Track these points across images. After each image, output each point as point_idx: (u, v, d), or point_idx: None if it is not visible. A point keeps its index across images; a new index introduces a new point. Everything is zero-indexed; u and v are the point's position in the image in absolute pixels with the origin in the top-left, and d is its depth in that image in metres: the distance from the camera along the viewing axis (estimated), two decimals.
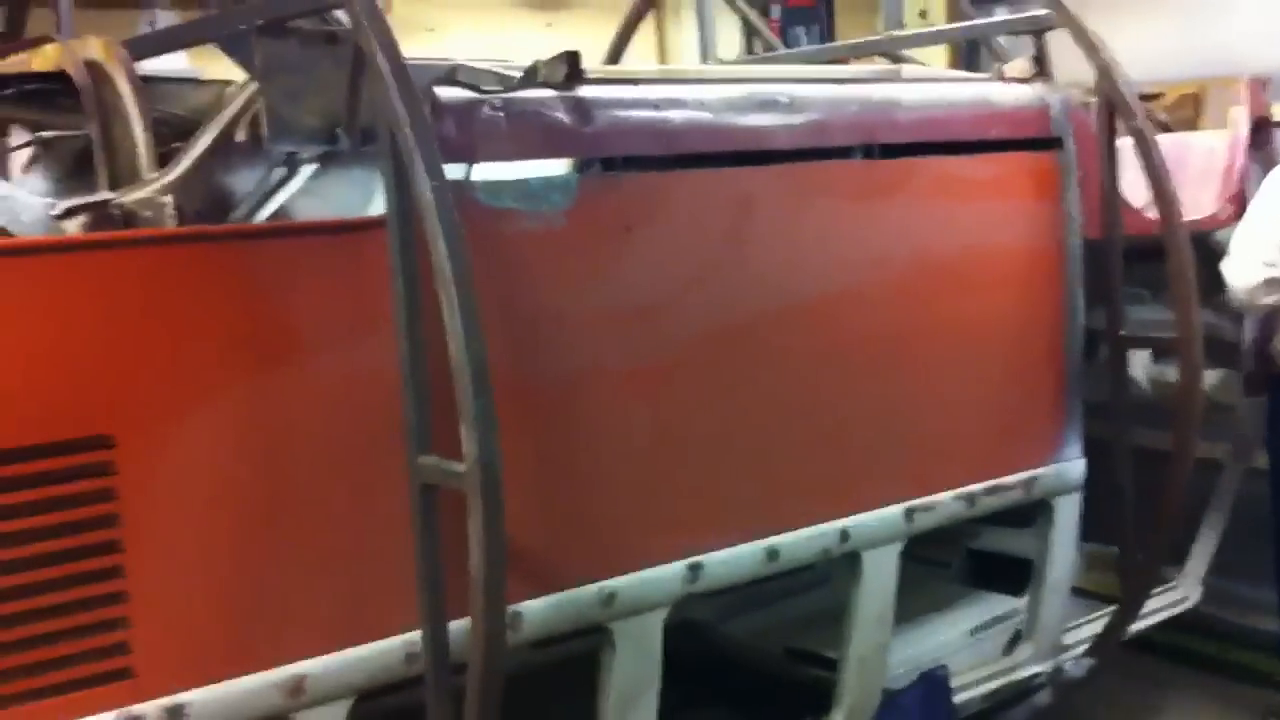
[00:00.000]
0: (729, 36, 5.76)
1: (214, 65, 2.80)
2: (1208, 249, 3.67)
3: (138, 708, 2.07)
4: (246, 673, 2.18)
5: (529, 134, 2.55)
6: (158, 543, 2.07)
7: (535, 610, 2.47)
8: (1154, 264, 3.51)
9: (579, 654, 2.79)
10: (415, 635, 2.31)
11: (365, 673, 2.31)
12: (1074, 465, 3.46)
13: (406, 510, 2.27)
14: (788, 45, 5.27)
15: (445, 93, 2.47)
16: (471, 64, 2.57)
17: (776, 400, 2.85)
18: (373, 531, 2.29)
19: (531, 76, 2.53)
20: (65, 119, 2.63)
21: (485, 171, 2.46)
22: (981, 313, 3.26)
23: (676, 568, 2.70)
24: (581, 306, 2.55)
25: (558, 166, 2.61)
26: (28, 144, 2.98)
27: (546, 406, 2.49)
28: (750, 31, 4.86)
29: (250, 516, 2.17)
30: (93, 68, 2.37)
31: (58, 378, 1.99)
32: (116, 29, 2.56)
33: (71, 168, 2.80)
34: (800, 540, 2.90)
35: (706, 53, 5.85)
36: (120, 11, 4.65)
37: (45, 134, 2.90)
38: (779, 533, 2.86)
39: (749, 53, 5.20)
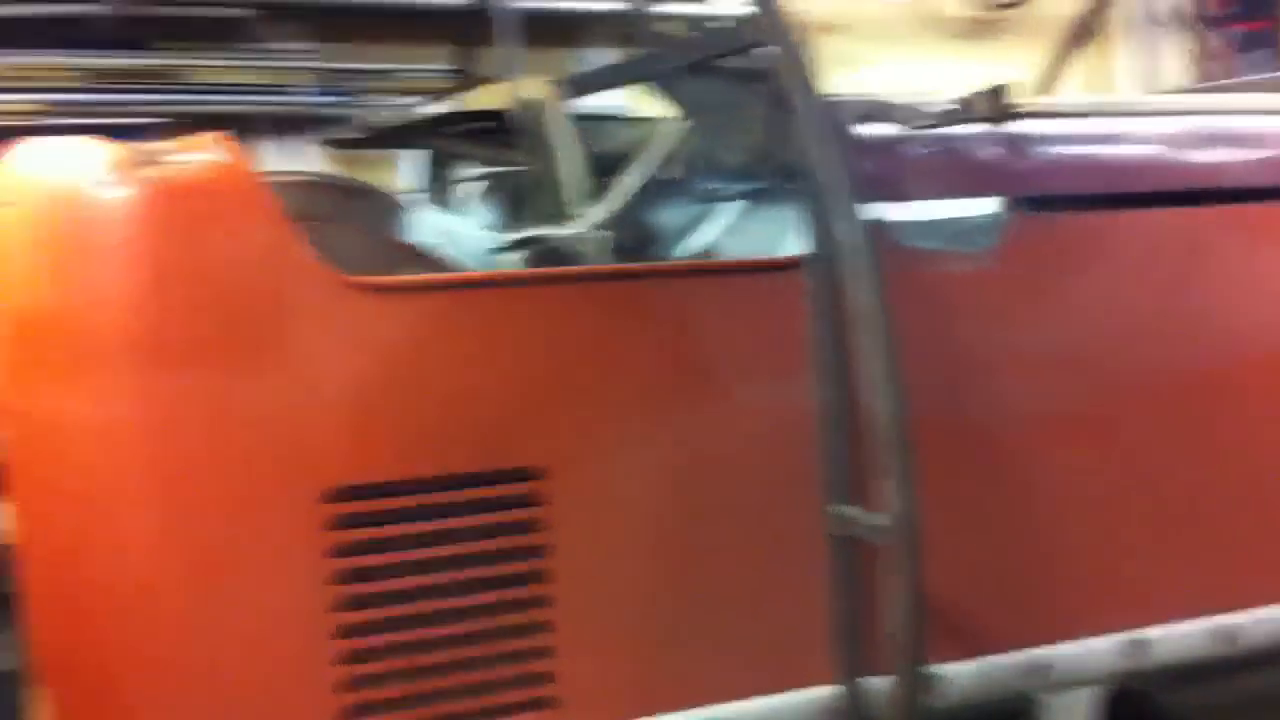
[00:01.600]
0: (1173, 64, 5.42)
1: (638, 100, 2.86)
2: None
3: None
4: (664, 712, 2.18)
5: (956, 171, 2.45)
6: (583, 575, 2.10)
7: (957, 674, 2.35)
8: None
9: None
10: (823, 690, 2.26)
11: None
12: None
13: (810, 558, 2.22)
14: (1239, 73, 4.89)
15: (869, 130, 2.41)
16: (896, 99, 2.50)
17: (1234, 461, 2.60)
18: (782, 578, 2.25)
19: (959, 111, 2.44)
20: (511, 154, 2.75)
21: (910, 211, 2.38)
22: None
23: (1116, 641, 2.50)
24: (1009, 354, 2.41)
25: (987, 205, 2.49)
26: (478, 178, 3.16)
27: (970, 459, 2.38)
28: (1198, 58, 4.53)
29: (669, 554, 2.18)
30: (533, 106, 2.46)
31: (495, 408, 2.06)
32: (548, 66, 2.66)
33: (517, 202, 2.94)
34: (1267, 621, 2.62)
35: (1148, 82, 5.52)
36: (551, 50, 4.88)
37: (492, 169, 3.06)
38: (1238, 609, 2.59)
39: (1196, 81, 4.87)
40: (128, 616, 1.90)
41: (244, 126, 4.43)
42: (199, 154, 1.93)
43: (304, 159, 4.42)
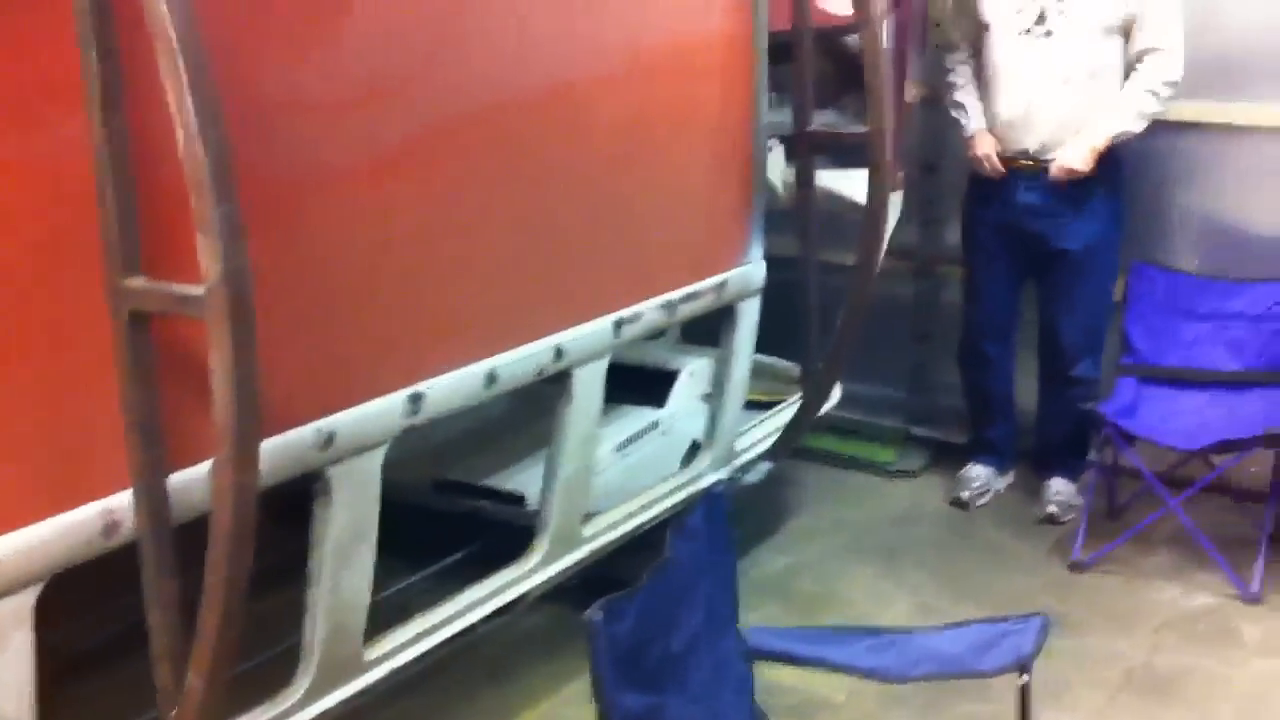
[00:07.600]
0: None
1: None
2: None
3: None
4: None
5: None
6: None
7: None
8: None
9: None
10: (114, 500, 1.88)
11: (53, 555, 1.82)
12: (757, 269, 3.35)
13: (89, 348, 1.81)
14: None
15: None
16: None
17: (488, 212, 2.50)
18: (55, 378, 1.80)
19: None
20: None
21: None
22: (676, 109, 3.03)
23: (396, 400, 2.35)
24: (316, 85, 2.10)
25: None
26: None
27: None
28: None
29: None
30: None
31: None
32: None
33: None
34: (517, 360, 2.62)
35: None
36: None
37: None
38: (497, 354, 2.57)
39: None
40: None
41: None
42: None
43: None
